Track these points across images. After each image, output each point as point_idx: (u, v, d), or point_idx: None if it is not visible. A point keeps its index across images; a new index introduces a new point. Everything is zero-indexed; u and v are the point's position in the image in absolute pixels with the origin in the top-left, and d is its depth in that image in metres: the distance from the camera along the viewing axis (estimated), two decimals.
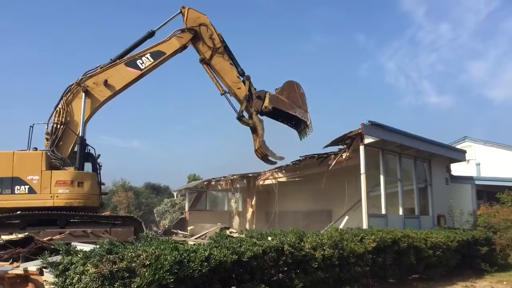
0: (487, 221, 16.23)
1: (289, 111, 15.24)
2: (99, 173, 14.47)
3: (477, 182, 18.67)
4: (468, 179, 18.91)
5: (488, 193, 19.06)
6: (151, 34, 14.96)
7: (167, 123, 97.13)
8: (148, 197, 46.23)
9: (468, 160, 21.35)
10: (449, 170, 18.71)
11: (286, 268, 7.51)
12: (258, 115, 15.19)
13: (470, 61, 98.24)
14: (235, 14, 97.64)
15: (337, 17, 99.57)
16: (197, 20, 15.19)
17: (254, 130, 15.28)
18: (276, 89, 15.50)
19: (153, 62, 14.59)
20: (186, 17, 15.08)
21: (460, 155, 18.77)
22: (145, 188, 49.86)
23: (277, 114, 15.56)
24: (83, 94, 13.73)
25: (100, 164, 14.65)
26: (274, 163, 16.14)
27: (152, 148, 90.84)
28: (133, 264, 5.32)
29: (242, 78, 15.42)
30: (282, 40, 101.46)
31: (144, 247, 5.71)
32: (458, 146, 23.13)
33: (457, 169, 19.61)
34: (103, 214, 15.27)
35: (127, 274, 5.22)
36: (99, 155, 14.59)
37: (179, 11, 15.25)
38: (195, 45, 15.28)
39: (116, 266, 5.17)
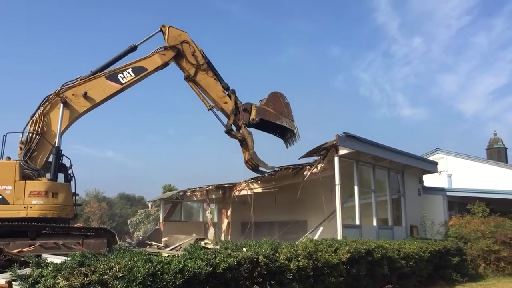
0: (458, 232, 16.53)
1: (276, 121, 15.48)
2: (71, 184, 14.20)
3: (448, 193, 19.02)
4: (440, 190, 19.26)
5: (459, 204, 19.43)
6: (133, 49, 14.86)
7: (143, 133, 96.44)
8: (122, 207, 45.64)
9: (440, 172, 21.76)
10: (421, 181, 19.04)
11: (261, 280, 7.50)
12: (246, 127, 15.30)
13: (441, 74, 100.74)
14: (207, 25, 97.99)
15: (312, 29, 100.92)
16: (179, 38, 15.19)
17: (242, 142, 15.43)
18: (260, 100, 15.67)
19: (134, 78, 14.49)
20: (168, 36, 15.07)
21: (432, 167, 19.13)
22: (119, 199, 49.22)
23: (264, 125, 15.75)
24: (61, 105, 13.51)
25: (73, 174, 14.40)
26: (265, 173, 16.27)
27: (127, 158, 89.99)
28: (105, 277, 5.23)
29: (227, 92, 15.52)
30: (256, 51, 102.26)
31: (117, 259, 5.63)
32: (430, 158, 23.57)
33: (429, 180, 19.95)
34: (75, 225, 14.96)
35: (99, 287, 5.13)
36: (71, 165, 14.36)
37: (159, 29, 15.20)
38: (178, 63, 15.29)
39: (87, 279, 5.08)
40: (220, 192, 20.80)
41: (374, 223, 15.25)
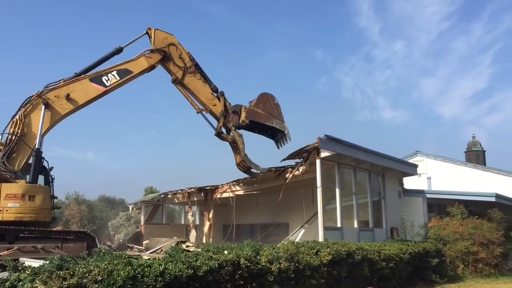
0: (438, 234, 16.76)
1: (266, 122, 15.38)
2: (52, 186, 14.00)
3: (428, 196, 19.25)
4: (420, 193, 19.49)
5: (439, 206, 19.71)
6: (118, 51, 14.61)
7: (124, 134, 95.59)
8: (103, 210, 45.14)
9: (420, 174, 22.03)
10: (401, 183, 19.25)
11: (242, 282, 7.50)
12: (236, 129, 15.18)
13: (422, 78, 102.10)
14: (189, 26, 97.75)
15: (295, 32, 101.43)
16: (165, 41, 14.99)
17: (233, 145, 15.27)
18: (250, 102, 15.59)
19: (118, 80, 14.24)
20: (154, 39, 14.84)
21: (412, 169, 19.36)
22: (100, 201, 48.66)
23: (254, 127, 15.64)
24: (43, 106, 13.28)
25: (53, 176, 14.19)
26: (258, 174, 16.17)
27: (108, 160, 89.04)
28: (84, 280, 5.18)
29: (216, 95, 15.37)
30: (238, 53, 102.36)
31: (96, 263, 5.58)
32: (410, 161, 23.91)
33: (409, 182, 20.19)
34: (54, 229, 14.74)
35: None
36: (52, 168, 14.14)
37: (145, 32, 15.01)
38: (165, 66, 15.07)
39: (66, 283, 5.02)
40: (202, 194, 20.73)
41: (355, 225, 15.37)
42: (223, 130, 15.45)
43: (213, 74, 15.49)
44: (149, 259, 6.64)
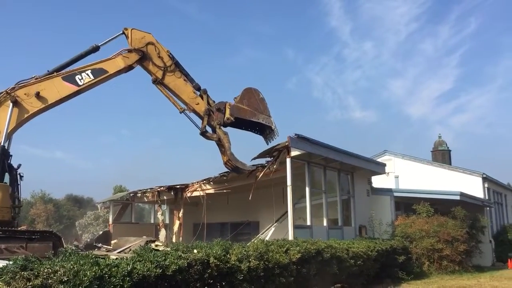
0: (404, 231, 17.11)
1: (252, 118, 14.91)
2: (19, 184, 13.61)
3: (395, 194, 19.61)
4: (388, 191, 19.83)
5: (406, 204, 20.12)
6: (95, 49, 14.09)
7: (94, 133, 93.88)
8: (70, 209, 44.31)
9: (388, 173, 22.41)
10: (370, 182, 19.56)
11: (211, 281, 7.48)
12: (222, 127, 14.85)
13: (391, 79, 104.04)
14: (163, 24, 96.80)
15: (268, 32, 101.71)
16: (143, 40, 14.47)
17: (219, 143, 14.91)
18: (234, 98, 15.15)
19: (93, 80, 13.75)
20: (131, 39, 14.33)
21: (380, 168, 19.70)
22: (67, 200, 47.74)
23: (240, 123, 15.28)
24: (11, 104, 12.85)
25: (22, 174, 13.79)
26: (245, 172, 15.88)
27: (78, 160, 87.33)
28: (50, 281, 5.06)
29: (199, 93, 15.00)
30: (211, 53, 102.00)
31: (62, 263, 5.45)
32: (379, 160, 24.28)
33: (377, 181, 20.53)
34: (19, 228, 14.35)
35: None
36: (19, 165, 13.74)
37: (122, 32, 14.58)
38: (144, 66, 14.55)
39: (30, 283, 4.90)
40: (172, 193, 20.57)
41: (325, 224, 15.55)
42: (208, 129, 15.08)
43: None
44: (116, 258, 6.54)
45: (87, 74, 13.72)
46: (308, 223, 14.66)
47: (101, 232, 24.38)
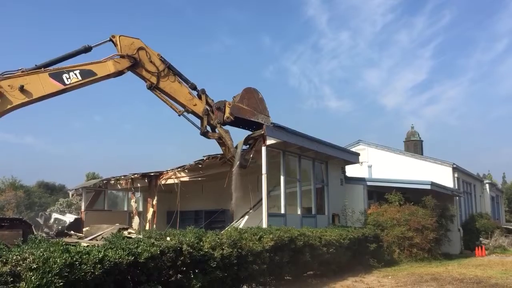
0: (376, 220, 17.41)
1: (251, 118, 14.97)
2: None
3: (368, 183, 19.90)
4: (361, 180, 20.11)
5: (378, 193, 20.44)
6: (87, 49, 13.60)
7: (66, 118, 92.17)
8: (41, 196, 43.55)
9: (361, 163, 22.69)
10: (344, 171, 19.79)
11: (184, 269, 7.48)
12: (222, 126, 14.78)
13: (366, 69, 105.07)
14: (138, 12, 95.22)
15: (243, 20, 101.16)
16: (132, 46, 13.99)
17: (220, 141, 14.83)
18: (234, 97, 15.15)
19: (80, 81, 13.30)
20: (120, 46, 13.81)
21: (354, 158, 19.94)
22: (38, 187, 46.89)
23: (239, 122, 15.26)
24: None
25: None
26: (248, 165, 15.84)
27: (49, 145, 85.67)
28: (18, 268, 4.98)
29: (195, 93, 14.82)
30: (187, 40, 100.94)
31: (32, 250, 5.37)
32: (353, 149, 24.56)
33: (351, 170, 20.78)
34: None
35: (11, 279, 4.88)
36: None
37: (109, 39, 14.17)
38: (137, 73, 14.18)
39: None
40: (146, 180, 20.42)
41: (299, 212, 15.69)
42: (208, 128, 14.99)
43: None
44: (88, 246, 6.47)
45: (75, 74, 13.30)
46: (282, 211, 14.77)
47: (66, 216, 24.12)
